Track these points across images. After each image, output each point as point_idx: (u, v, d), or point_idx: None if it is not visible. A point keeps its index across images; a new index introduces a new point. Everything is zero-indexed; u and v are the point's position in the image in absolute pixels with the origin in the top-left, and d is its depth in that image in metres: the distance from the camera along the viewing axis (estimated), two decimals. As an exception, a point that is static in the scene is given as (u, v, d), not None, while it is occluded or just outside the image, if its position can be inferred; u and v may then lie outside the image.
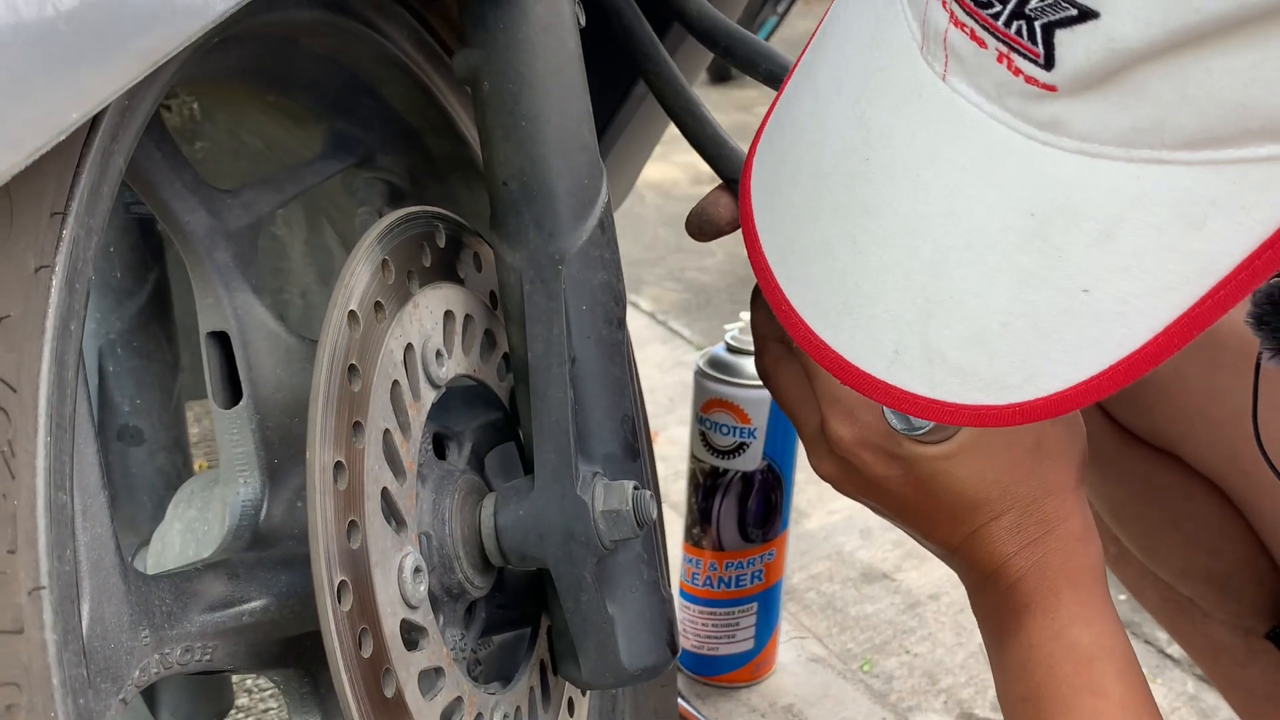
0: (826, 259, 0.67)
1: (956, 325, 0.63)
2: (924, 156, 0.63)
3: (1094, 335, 0.60)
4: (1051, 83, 0.56)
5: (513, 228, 0.84)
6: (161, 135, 0.82)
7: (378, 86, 0.98)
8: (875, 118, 0.65)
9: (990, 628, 0.87)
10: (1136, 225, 0.57)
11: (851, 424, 0.84)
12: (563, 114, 0.84)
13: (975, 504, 0.84)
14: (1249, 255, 0.56)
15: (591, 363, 0.84)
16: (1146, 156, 0.56)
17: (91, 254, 0.62)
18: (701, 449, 1.67)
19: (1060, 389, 0.62)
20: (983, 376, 0.63)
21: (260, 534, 0.84)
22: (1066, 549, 0.83)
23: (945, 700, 1.80)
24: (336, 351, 0.74)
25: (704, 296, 3.18)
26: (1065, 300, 0.60)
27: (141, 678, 0.69)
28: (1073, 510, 0.84)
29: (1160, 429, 1.15)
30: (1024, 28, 0.56)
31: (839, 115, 0.68)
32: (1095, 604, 0.82)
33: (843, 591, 2.03)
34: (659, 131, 1.36)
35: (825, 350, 0.68)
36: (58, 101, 0.51)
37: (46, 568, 0.57)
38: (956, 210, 0.62)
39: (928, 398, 0.65)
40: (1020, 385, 0.62)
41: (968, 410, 0.64)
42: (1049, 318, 0.60)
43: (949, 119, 0.61)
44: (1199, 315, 0.58)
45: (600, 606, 0.84)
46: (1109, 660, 0.80)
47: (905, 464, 0.84)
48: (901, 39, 0.64)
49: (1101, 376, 0.60)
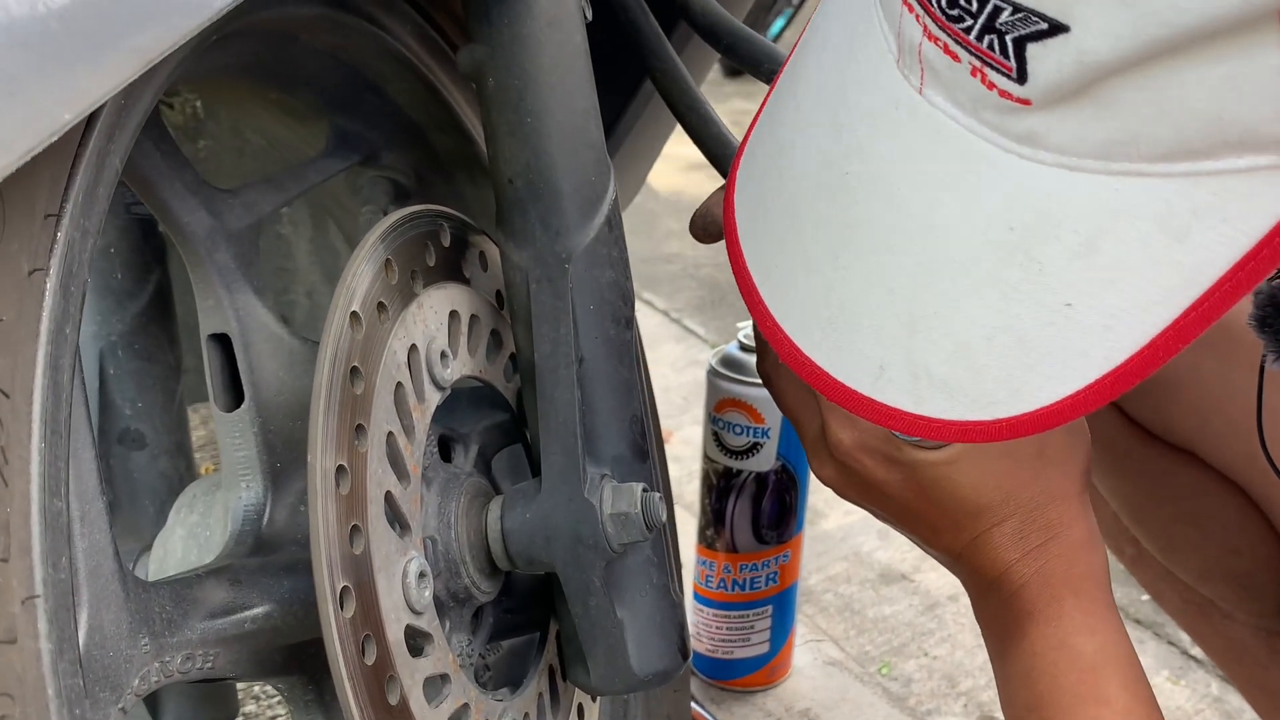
0: (809, 275, 0.67)
1: (941, 341, 0.63)
2: (903, 170, 0.63)
3: (1079, 349, 0.60)
4: (1025, 96, 0.56)
5: (519, 226, 0.84)
6: (161, 134, 0.82)
7: (381, 83, 0.97)
8: (853, 132, 0.65)
9: (993, 636, 0.86)
10: (1118, 238, 0.57)
11: (852, 428, 0.84)
12: (569, 110, 0.83)
13: (977, 510, 0.84)
14: (1233, 266, 0.56)
15: (599, 363, 0.84)
16: (1125, 169, 0.56)
17: (87, 256, 0.62)
18: (714, 449, 1.66)
19: (1046, 404, 0.61)
20: (969, 392, 0.63)
21: (263, 539, 0.84)
22: (1070, 556, 0.83)
23: (965, 703, 1.78)
24: (338, 353, 0.74)
25: (719, 294, 3.17)
26: (1048, 315, 0.60)
27: (141, 686, 0.69)
28: (1076, 517, 0.84)
29: (1177, 426, 1.14)
30: (995, 42, 0.55)
31: (818, 129, 0.68)
32: (1099, 611, 0.82)
33: (860, 593, 2.02)
34: (668, 129, 1.35)
35: (811, 367, 0.68)
36: (50, 101, 0.50)
37: (41, 576, 0.56)
38: (936, 225, 0.62)
39: (913, 414, 0.64)
40: (1006, 400, 0.62)
41: (954, 426, 0.64)
42: (1033, 332, 0.60)
43: (927, 132, 0.61)
44: (1185, 327, 0.58)
45: (609, 611, 0.83)
46: (1113, 668, 0.80)
47: (906, 469, 0.84)
48: (878, 52, 0.64)
49: (1088, 390, 0.60)
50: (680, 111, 0.98)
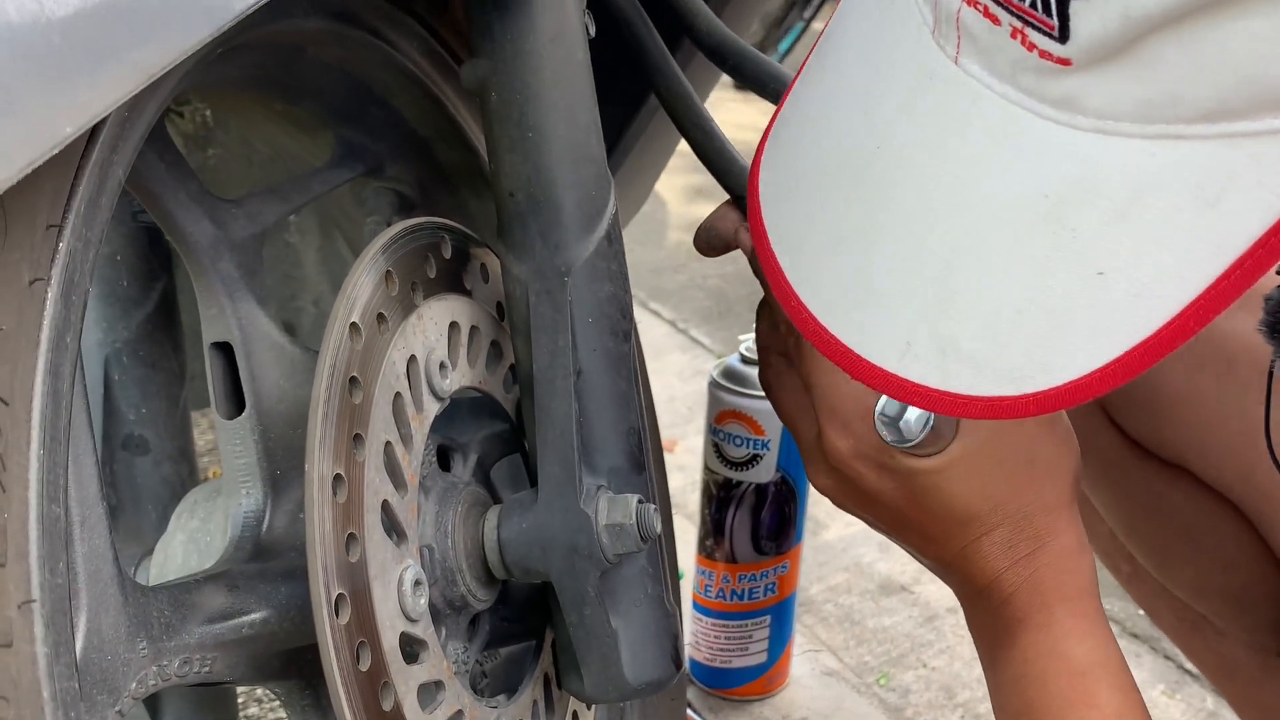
0: (837, 253, 0.67)
1: (969, 315, 0.62)
2: (934, 142, 0.62)
3: (1109, 320, 0.59)
4: (1066, 56, 0.55)
5: (519, 239, 0.84)
6: (165, 145, 0.83)
7: (386, 96, 0.98)
8: (885, 106, 0.65)
9: (984, 644, 0.87)
10: (1152, 204, 0.56)
11: (847, 436, 0.85)
12: (570, 125, 0.84)
13: (967, 519, 0.84)
14: (1266, 232, 0.55)
15: (597, 375, 0.84)
16: (1162, 132, 0.55)
17: (89, 266, 0.62)
18: (715, 460, 1.67)
19: (1075, 377, 0.60)
20: (996, 367, 0.62)
21: (262, 545, 0.84)
22: (1059, 565, 0.83)
23: (962, 714, 1.79)
24: (337, 363, 0.75)
25: (725, 304, 3.17)
26: (1080, 284, 0.59)
27: (139, 689, 0.69)
28: (1065, 526, 0.85)
29: (1173, 444, 1.15)
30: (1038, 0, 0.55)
31: (848, 106, 0.67)
32: (1088, 618, 0.83)
33: (860, 604, 2.02)
34: (672, 144, 1.36)
35: (836, 345, 0.67)
36: (51, 115, 0.50)
37: (38, 580, 0.57)
38: (968, 196, 0.61)
39: (940, 390, 0.63)
40: (1035, 375, 0.61)
41: (981, 402, 0.63)
42: (1063, 303, 0.59)
43: (961, 102, 0.61)
44: (1215, 296, 0.57)
45: (604, 620, 0.83)
46: (1103, 673, 0.81)
47: (898, 477, 0.84)
48: (911, 25, 0.63)
49: (1116, 363, 0.59)
50: (685, 128, 0.98)
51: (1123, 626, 1.99)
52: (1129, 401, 1.15)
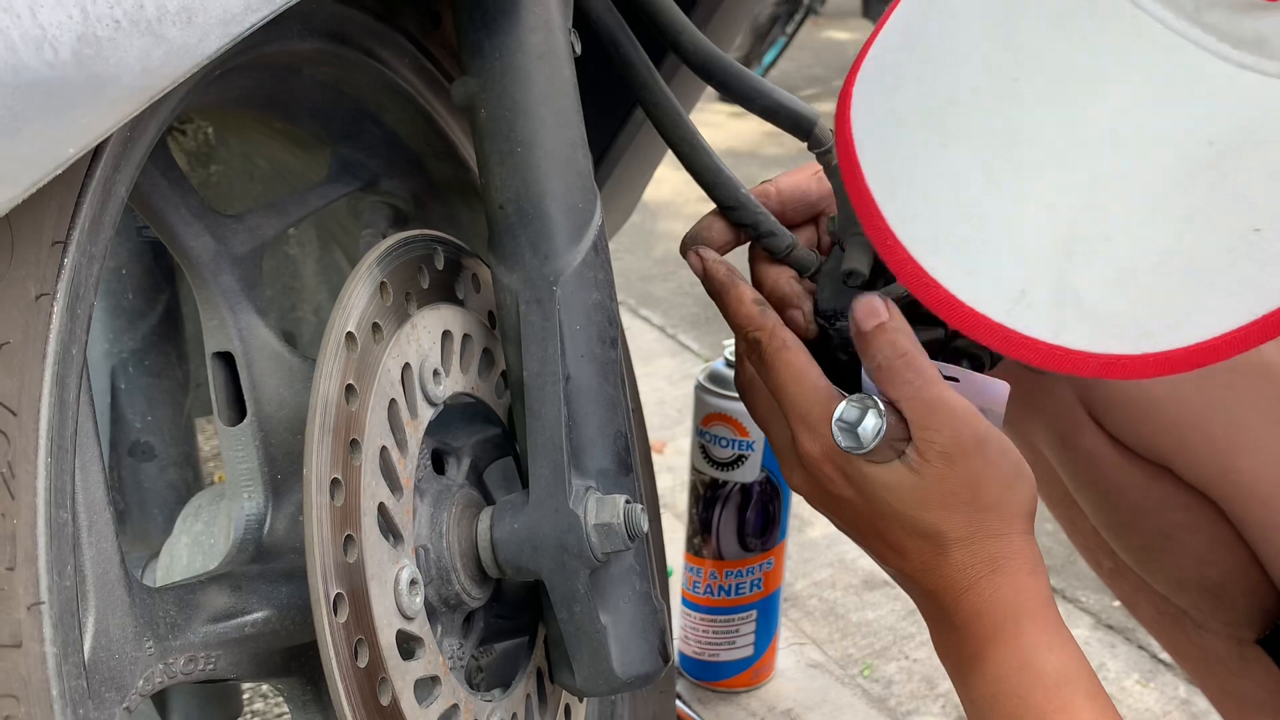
0: (952, 190, 0.62)
1: (1101, 265, 0.58)
2: (1087, 77, 0.58)
3: (1253, 280, 0.55)
4: None
5: (509, 250, 0.86)
6: (167, 163, 0.84)
7: (380, 113, 0.99)
8: (1029, 36, 0.60)
9: (953, 664, 0.87)
10: None
11: (817, 440, 0.84)
12: (557, 139, 0.86)
13: (923, 535, 0.83)
14: None
15: (585, 381, 0.86)
16: None
17: (94, 280, 0.63)
18: (701, 461, 1.70)
19: (1205, 338, 0.57)
20: (1120, 322, 0.58)
21: (264, 547, 0.86)
22: (1017, 583, 0.82)
23: (943, 704, 1.81)
24: (334, 372, 0.77)
25: (712, 310, 3.18)
26: (1232, 240, 0.55)
27: (145, 687, 0.71)
28: (1018, 550, 0.83)
29: (1155, 443, 1.16)
30: None
31: (980, 35, 0.62)
32: (1053, 629, 0.82)
33: (844, 598, 2.05)
34: (658, 156, 1.37)
35: (935, 290, 0.63)
36: (55, 138, 0.52)
37: (46, 583, 0.58)
38: (1122, 136, 0.57)
39: (1050, 343, 0.60)
40: (1162, 333, 0.57)
41: (1096, 360, 0.59)
42: (1208, 259, 0.56)
43: (1123, 37, 0.57)
44: None
45: (593, 616, 0.85)
46: (1076, 683, 0.80)
47: (856, 483, 0.84)
48: None
49: (1251, 327, 0.56)
50: (673, 142, 0.99)
51: (1098, 619, 2.01)
52: (1112, 402, 1.16)
